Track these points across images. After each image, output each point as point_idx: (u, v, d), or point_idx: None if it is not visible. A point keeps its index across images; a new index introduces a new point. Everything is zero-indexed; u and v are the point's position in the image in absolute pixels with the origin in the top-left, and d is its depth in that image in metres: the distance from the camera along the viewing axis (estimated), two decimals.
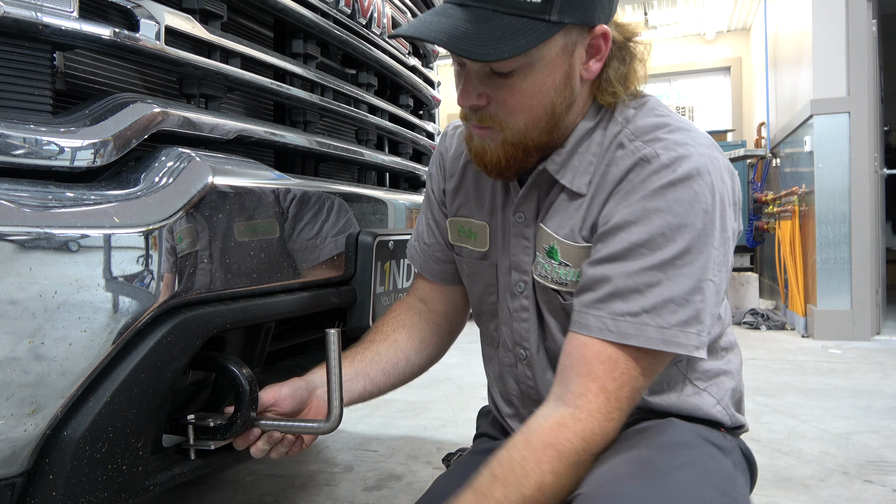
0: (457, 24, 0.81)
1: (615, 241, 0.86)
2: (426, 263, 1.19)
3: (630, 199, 0.86)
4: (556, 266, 0.95)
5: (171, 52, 0.88)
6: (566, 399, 0.87)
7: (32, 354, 0.67)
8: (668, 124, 0.90)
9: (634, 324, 0.84)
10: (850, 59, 4.18)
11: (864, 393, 2.90)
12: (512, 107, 0.88)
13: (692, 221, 0.83)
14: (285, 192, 1.02)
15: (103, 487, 0.78)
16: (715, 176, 0.86)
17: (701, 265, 0.84)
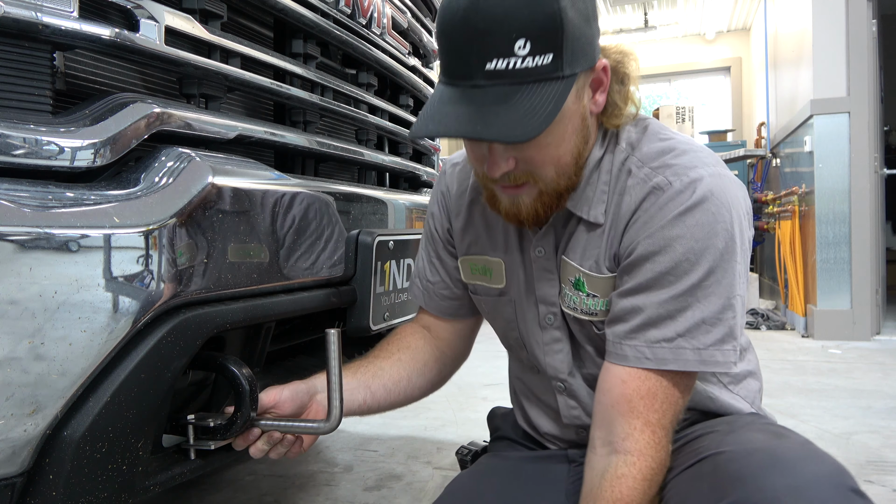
0: (481, 111, 0.80)
1: (642, 272, 0.88)
2: (430, 300, 1.19)
3: (650, 229, 0.88)
4: (584, 297, 0.97)
5: (171, 52, 0.88)
6: (615, 444, 0.88)
7: (32, 354, 0.67)
8: (673, 148, 0.92)
9: (671, 349, 0.86)
10: (850, 59, 4.18)
11: (864, 393, 2.90)
12: (542, 161, 0.88)
13: (714, 243, 0.85)
14: (285, 193, 1.02)
15: (103, 487, 0.78)
16: (728, 193, 0.87)
17: (728, 283, 0.86)
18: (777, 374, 3.27)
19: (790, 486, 0.73)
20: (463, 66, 0.82)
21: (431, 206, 1.19)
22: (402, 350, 1.15)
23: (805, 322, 4.44)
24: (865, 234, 4.19)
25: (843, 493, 0.73)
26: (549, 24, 0.79)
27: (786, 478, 0.74)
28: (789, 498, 0.72)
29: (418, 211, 1.56)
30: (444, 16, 0.83)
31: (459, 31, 0.81)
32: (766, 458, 0.78)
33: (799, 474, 0.74)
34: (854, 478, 0.77)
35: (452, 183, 1.14)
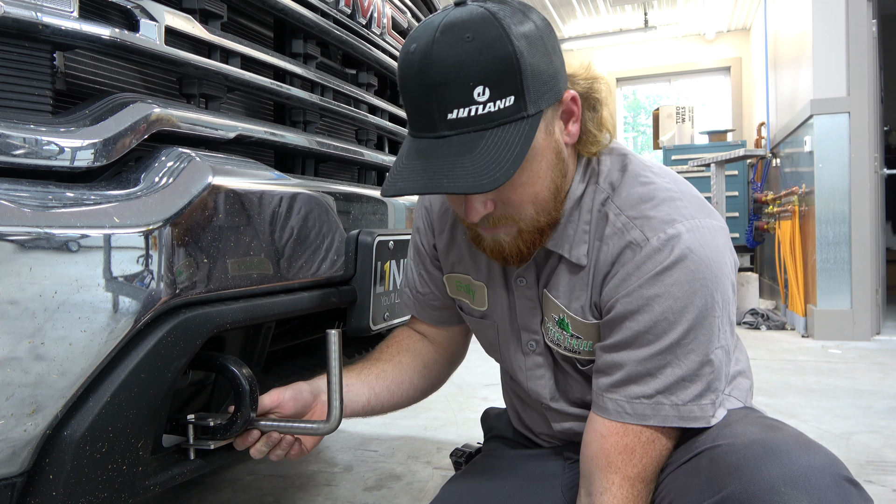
0: (447, 163, 0.80)
1: (621, 330, 0.89)
2: (422, 310, 1.20)
3: (628, 287, 0.88)
4: (567, 337, 0.97)
5: (171, 52, 0.88)
6: (593, 498, 0.90)
7: (32, 354, 0.67)
8: (652, 197, 0.91)
9: (651, 405, 0.87)
10: (850, 59, 4.18)
11: (864, 393, 2.90)
12: (519, 202, 0.88)
13: (693, 301, 0.85)
14: (285, 192, 1.02)
15: (103, 487, 0.78)
16: (707, 247, 0.86)
17: (706, 339, 0.86)
18: (777, 374, 3.27)
19: (786, 475, 0.74)
20: (425, 119, 0.82)
21: (417, 221, 1.19)
22: (403, 353, 1.16)
23: (805, 322, 4.44)
24: (865, 234, 4.19)
25: (837, 483, 0.74)
26: (505, 68, 0.78)
27: (782, 468, 0.75)
28: (786, 487, 0.73)
29: None
30: (402, 72, 0.83)
31: (417, 85, 0.81)
32: (762, 449, 0.79)
33: (795, 464, 0.75)
34: (847, 468, 0.78)
35: (435, 201, 1.14)
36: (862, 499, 0.75)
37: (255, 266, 0.95)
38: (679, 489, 0.85)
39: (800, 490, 0.73)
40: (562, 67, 0.87)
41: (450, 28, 0.79)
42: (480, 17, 0.79)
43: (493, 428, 1.27)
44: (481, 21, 0.79)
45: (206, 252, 0.85)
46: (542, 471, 1.09)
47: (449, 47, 0.78)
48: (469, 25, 0.79)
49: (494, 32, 0.78)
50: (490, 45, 0.78)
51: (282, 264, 1.01)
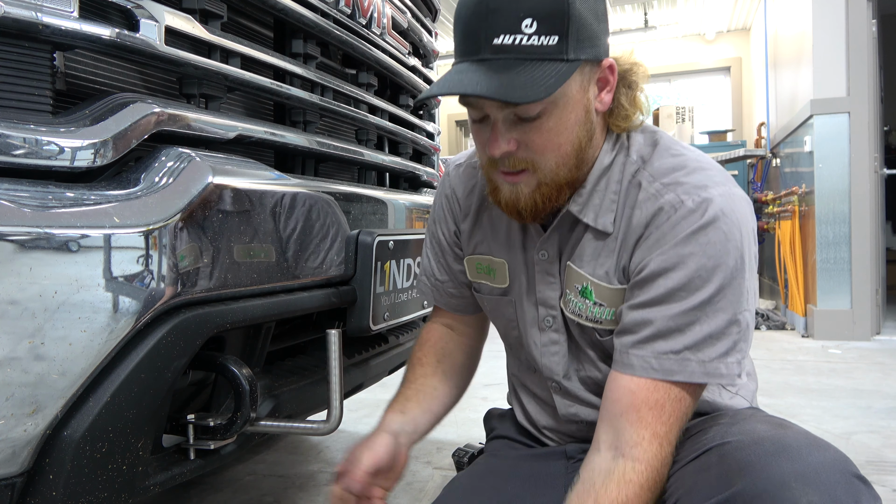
0: (484, 77, 0.84)
1: (654, 287, 0.90)
2: (441, 297, 1.21)
3: (663, 246, 0.90)
4: (590, 305, 0.98)
5: (171, 53, 0.88)
6: (622, 450, 0.89)
7: (32, 354, 0.67)
8: (684, 165, 0.94)
9: (677, 360, 0.88)
10: (850, 59, 4.18)
11: (864, 393, 2.90)
12: (542, 147, 0.90)
13: (725, 261, 0.87)
14: (285, 193, 1.02)
15: (103, 487, 0.78)
16: (738, 212, 0.90)
17: (736, 299, 0.88)
18: (777, 374, 3.27)
19: (797, 472, 0.74)
20: (472, 42, 0.86)
21: (436, 210, 1.20)
22: (443, 360, 1.19)
23: (805, 322, 4.44)
24: (865, 234, 4.19)
25: (848, 479, 0.75)
26: (556, 8, 0.83)
27: (793, 464, 0.75)
28: (797, 483, 0.73)
29: (418, 211, 1.56)
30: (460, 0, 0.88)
31: (472, 10, 0.85)
32: (773, 446, 0.79)
33: (805, 461, 0.76)
34: (856, 465, 0.79)
35: (458, 185, 1.16)
36: (871, 496, 0.76)
37: (255, 266, 0.95)
38: (688, 486, 0.85)
39: (811, 486, 0.73)
40: (605, 35, 0.91)
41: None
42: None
43: (496, 428, 1.27)
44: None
45: (206, 252, 0.85)
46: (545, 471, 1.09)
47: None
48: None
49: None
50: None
51: (282, 264, 1.01)
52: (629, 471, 0.88)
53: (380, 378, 1.53)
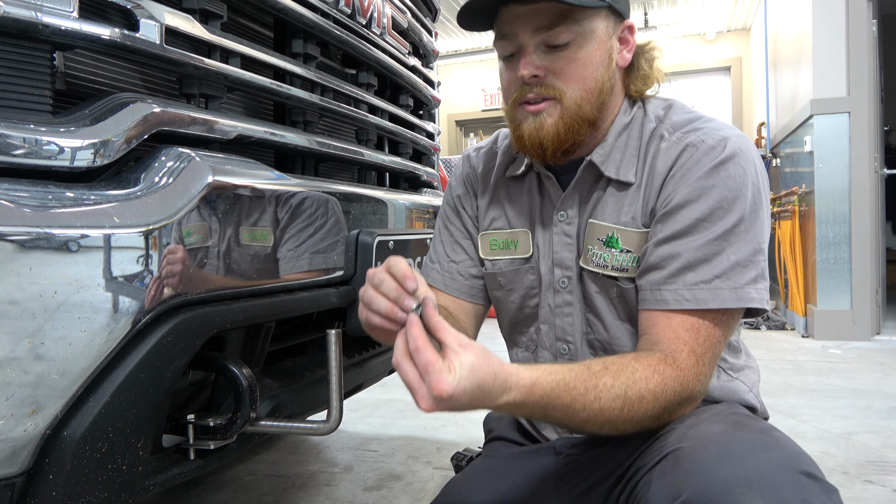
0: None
1: (678, 219, 0.94)
2: (451, 281, 1.19)
3: (687, 181, 0.95)
4: (616, 254, 1.01)
5: (171, 52, 0.88)
6: (663, 350, 0.91)
7: (32, 354, 0.67)
8: (700, 116, 1.02)
9: (709, 289, 0.91)
10: (850, 59, 4.18)
11: (864, 393, 2.90)
12: (569, 75, 0.96)
13: (744, 192, 0.93)
14: (285, 192, 1.02)
15: (103, 487, 0.78)
16: (753, 154, 0.97)
17: (757, 229, 0.94)
18: (777, 374, 3.27)
19: (740, 476, 0.74)
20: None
21: (457, 189, 1.21)
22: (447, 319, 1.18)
23: (805, 322, 4.44)
24: (865, 234, 4.19)
25: (794, 478, 0.74)
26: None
27: (736, 469, 0.75)
28: (740, 488, 0.73)
29: (418, 211, 1.56)
30: None
31: None
32: (717, 451, 0.79)
33: (749, 464, 0.76)
34: (811, 461, 0.78)
35: (478, 164, 1.19)
36: (823, 490, 0.75)
37: (254, 266, 0.95)
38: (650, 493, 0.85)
39: (754, 490, 0.73)
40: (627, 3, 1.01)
41: None
42: None
43: (494, 430, 1.27)
44: None
45: (205, 252, 0.85)
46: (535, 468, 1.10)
47: None
48: None
49: None
50: None
51: (282, 264, 1.01)
52: (669, 361, 0.89)
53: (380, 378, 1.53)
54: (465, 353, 0.74)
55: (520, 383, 0.79)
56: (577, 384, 0.84)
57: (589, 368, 0.86)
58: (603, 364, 0.87)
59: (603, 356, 1.01)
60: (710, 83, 7.82)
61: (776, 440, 0.81)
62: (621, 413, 0.85)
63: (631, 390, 0.85)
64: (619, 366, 0.87)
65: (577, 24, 0.94)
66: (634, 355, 0.90)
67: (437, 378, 0.72)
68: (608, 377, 0.85)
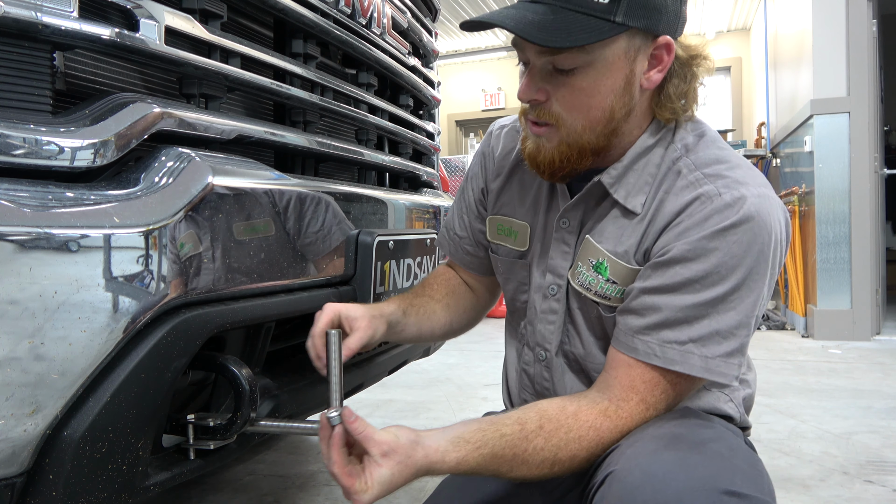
0: (525, 16, 0.85)
1: (670, 274, 0.89)
2: (456, 252, 1.23)
3: (690, 236, 0.88)
4: (602, 281, 0.97)
5: (171, 52, 0.88)
6: (610, 397, 0.91)
7: (32, 354, 0.67)
8: (728, 160, 0.93)
9: (680, 351, 0.88)
10: (850, 59, 4.18)
11: (864, 393, 2.90)
12: (571, 104, 0.90)
13: (747, 262, 0.86)
14: (285, 192, 1.02)
15: (103, 487, 0.78)
16: (773, 217, 0.88)
17: (750, 303, 0.88)
18: (777, 374, 3.27)
19: (659, 501, 0.75)
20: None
21: (473, 167, 1.21)
22: (450, 295, 1.21)
23: (805, 322, 4.44)
24: (865, 234, 4.19)
25: (714, 498, 0.74)
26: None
27: (656, 494, 0.76)
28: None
29: (418, 211, 1.56)
30: None
31: None
32: (642, 475, 0.79)
33: (669, 488, 0.76)
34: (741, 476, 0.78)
35: (498, 144, 1.16)
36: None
37: (255, 266, 0.95)
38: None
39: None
40: (674, 14, 0.89)
41: None
42: None
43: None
44: None
45: (206, 252, 0.85)
46: None
47: None
48: None
49: None
50: None
51: (282, 264, 1.01)
52: (612, 410, 0.89)
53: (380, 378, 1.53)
54: (384, 464, 0.81)
55: (444, 467, 0.84)
56: (506, 452, 0.86)
57: (523, 429, 0.87)
58: (538, 422, 0.88)
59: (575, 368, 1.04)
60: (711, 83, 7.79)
61: (705, 456, 0.80)
62: (552, 471, 0.88)
63: (562, 452, 0.87)
64: (555, 424, 0.88)
65: (584, 50, 0.85)
66: (574, 410, 0.89)
67: (355, 498, 0.81)
68: (540, 439, 0.87)
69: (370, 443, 0.82)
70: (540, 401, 0.92)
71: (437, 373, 3.34)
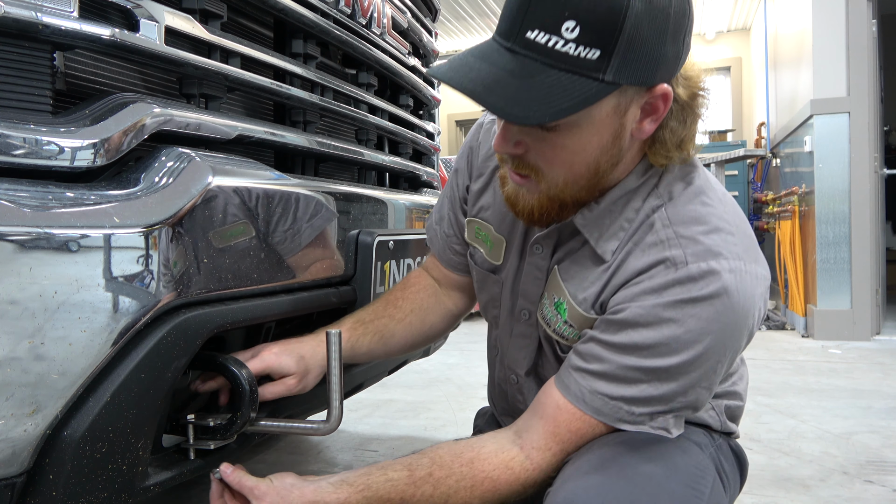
0: (499, 76, 0.75)
1: (619, 334, 0.85)
2: (444, 252, 1.19)
3: (646, 301, 0.83)
4: (560, 320, 0.94)
5: (171, 52, 0.88)
6: (524, 444, 0.89)
7: (32, 354, 0.67)
8: (708, 220, 0.85)
9: (609, 404, 0.86)
10: (850, 59, 4.18)
11: (864, 393, 2.90)
12: (552, 161, 0.83)
13: (703, 340, 0.81)
14: (285, 192, 1.02)
15: (103, 487, 0.78)
16: (742, 293, 0.81)
17: (695, 376, 0.84)
18: (777, 374, 3.27)
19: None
20: (508, 22, 0.76)
21: (459, 160, 1.15)
22: (415, 312, 1.16)
23: (805, 322, 4.44)
24: (865, 234, 4.19)
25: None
26: (608, 19, 0.71)
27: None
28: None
29: (418, 211, 1.56)
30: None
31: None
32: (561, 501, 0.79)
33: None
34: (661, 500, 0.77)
35: (484, 142, 1.09)
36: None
37: (255, 266, 0.95)
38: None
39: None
40: (673, 58, 0.79)
41: None
42: None
43: (478, 425, 1.28)
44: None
45: (206, 252, 0.85)
46: None
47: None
48: None
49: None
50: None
51: (282, 264, 1.01)
52: (517, 462, 0.88)
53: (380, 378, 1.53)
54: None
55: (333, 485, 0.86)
56: (392, 496, 0.86)
57: (411, 475, 0.87)
58: (429, 469, 0.87)
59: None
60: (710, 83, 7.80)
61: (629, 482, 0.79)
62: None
63: (453, 499, 0.86)
64: (445, 472, 0.87)
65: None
66: (471, 458, 0.88)
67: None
68: (428, 486, 0.86)
69: (245, 489, 0.87)
70: (439, 445, 0.92)
71: (437, 373, 3.34)
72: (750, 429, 2.31)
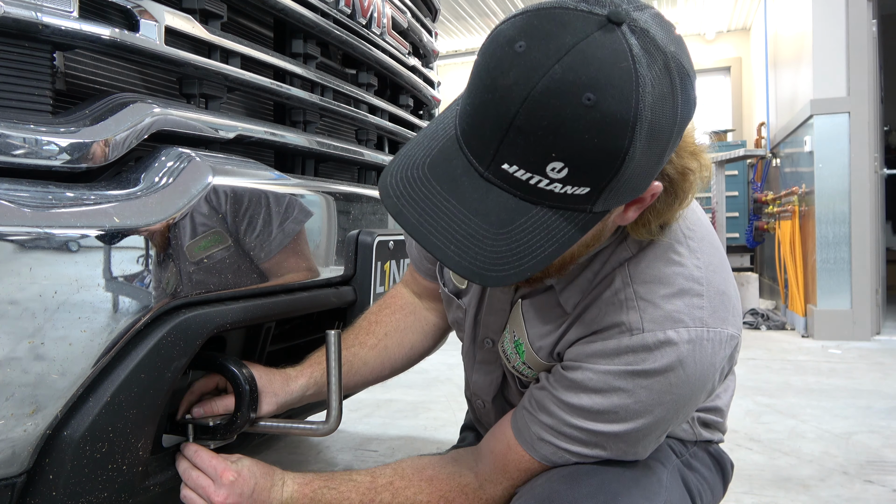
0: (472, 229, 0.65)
1: (569, 394, 0.83)
2: (420, 260, 1.16)
3: (598, 365, 0.80)
4: (518, 360, 0.94)
5: (171, 52, 0.88)
6: (479, 472, 0.92)
7: (32, 354, 0.67)
8: (672, 283, 0.79)
9: (557, 453, 0.87)
10: (850, 59, 4.18)
11: (864, 393, 2.90)
12: None
13: (653, 411, 0.79)
14: (285, 193, 1.02)
15: (103, 487, 0.78)
16: (700, 364, 0.78)
17: (642, 437, 0.83)
18: (777, 374, 3.27)
19: None
20: (480, 146, 0.64)
21: None
22: (390, 335, 1.14)
23: (805, 322, 4.44)
24: (865, 234, 4.19)
25: None
26: (604, 162, 0.61)
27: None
28: None
29: None
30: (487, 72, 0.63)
31: (494, 108, 0.62)
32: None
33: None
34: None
35: None
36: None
37: (254, 266, 0.95)
38: None
39: None
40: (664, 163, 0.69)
41: (576, 69, 0.59)
42: (620, 75, 0.59)
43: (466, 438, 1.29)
44: (618, 82, 0.59)
45: (205, 252, 0.85)
46: None
47: (558, 97, 0.59)
48: (600, 82, 0.59)
49: (620, 108, 0.59)
50: (605, 130, 0.59)
51: (282, 264, 1.01)
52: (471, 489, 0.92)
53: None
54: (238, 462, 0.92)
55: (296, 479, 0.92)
56: (352, 496, 0.90)
57: (373, 480, 0.91)
58: (390, 478, 0.91)
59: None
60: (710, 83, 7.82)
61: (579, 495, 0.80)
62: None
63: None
64: (405, 482, 0.91)
65: None
66: (431, 475, 0.92)
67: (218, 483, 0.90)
68: (387, 494, 0.90)
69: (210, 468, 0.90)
70: (405, 459, 0.96)
71: (437, 373, 3.34)
72: (750, 429, 2.32)
